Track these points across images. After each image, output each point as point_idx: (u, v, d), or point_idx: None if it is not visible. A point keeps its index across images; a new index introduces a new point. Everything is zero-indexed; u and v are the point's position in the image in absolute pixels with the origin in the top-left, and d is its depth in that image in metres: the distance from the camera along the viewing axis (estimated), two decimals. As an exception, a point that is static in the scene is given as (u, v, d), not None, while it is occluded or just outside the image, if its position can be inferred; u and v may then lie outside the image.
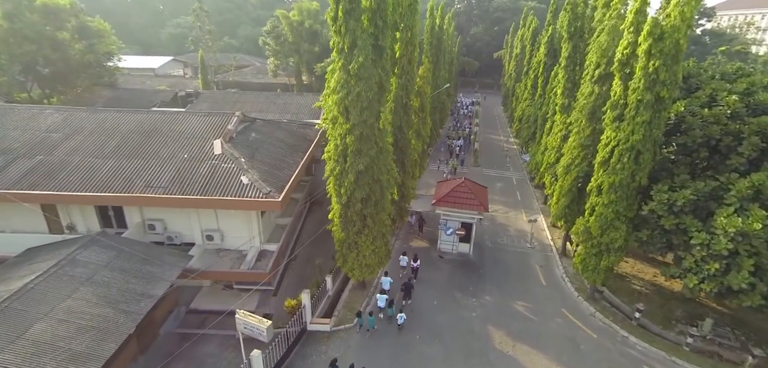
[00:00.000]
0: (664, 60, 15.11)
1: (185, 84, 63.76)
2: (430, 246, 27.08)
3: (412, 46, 21.37)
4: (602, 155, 18.59)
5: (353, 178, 17.30)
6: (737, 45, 62.60)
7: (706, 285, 15.02)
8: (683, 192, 15.63)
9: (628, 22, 17.07)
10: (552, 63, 37.60)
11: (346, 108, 16.14)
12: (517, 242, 28.25)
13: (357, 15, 14.97)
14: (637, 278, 23.70)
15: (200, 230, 22.63)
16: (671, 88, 15.73)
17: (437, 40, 41.25)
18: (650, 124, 16.30)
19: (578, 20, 26.39)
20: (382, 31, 16.30)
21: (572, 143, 23.20)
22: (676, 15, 14.44)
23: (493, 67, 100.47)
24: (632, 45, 16.81)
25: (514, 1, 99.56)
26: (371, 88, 15.80)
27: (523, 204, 34.65)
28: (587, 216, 20.00)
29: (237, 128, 24.86)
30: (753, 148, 15.21)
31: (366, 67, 15.33)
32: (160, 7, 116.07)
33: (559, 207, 24.25)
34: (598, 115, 21.33)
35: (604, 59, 20.70)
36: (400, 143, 22.34)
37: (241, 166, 21.22)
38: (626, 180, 17.40)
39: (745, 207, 14.22)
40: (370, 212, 18.71)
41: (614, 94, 18.02)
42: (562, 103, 27.19)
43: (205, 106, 43.73)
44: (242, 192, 19.81)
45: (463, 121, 68.63)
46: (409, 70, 21.63)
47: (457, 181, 25.78)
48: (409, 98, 22.14)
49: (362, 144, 16.83)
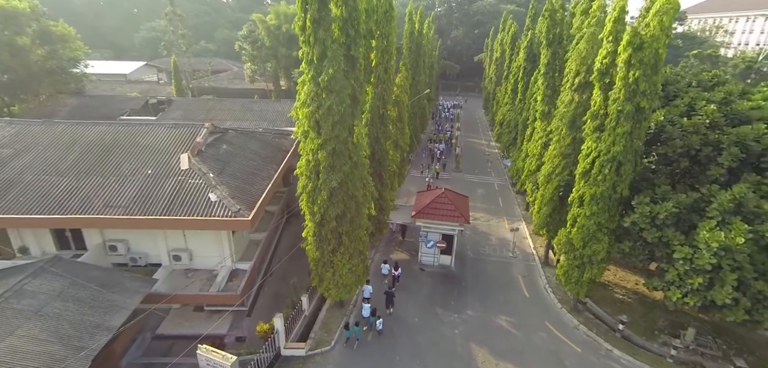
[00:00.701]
0: (644, 70, 14.75)
1: (158, 90, 61.54)
2: (412, 259, 26.33)
3: (388, 55, 20.62)
4: (583, 166, 18.18)
5: (326, 195, 16.37)
6: (708, 48, 64.21)
7: (690, 299, 14.69)
8: (665, 205, 15.29)
9: (606, 31, 16.71)
10: (531, 68, 37.54)
11: (317, 122, 15.21)
12: (499, 251, 27.76)
13: (326, 24, 14.08)
14: (619, 286, 23.48)
15: (167, 250, 21.33)
16: (651, 99, 15.39)
17: (416, 45, 40.71)
18: (631, 135, 15.94)
19: (556, 27, 26.14)
20: (354, 41, 15.47)
21: (553, 151, 22.83)
22: (656, 25, 14.08)
23: (474, 69, 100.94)
24: (611, 54, 16.44)
25: (494, 5, 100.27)
26: (343, 100, 14.93)
27: (505, 211, 34.28)
28: (569, 228, 19.59)
29: (206, 140, 23.60)
30: (733, 159, 14.98)
31: (337, 79, 14.45)
32: (134, 10, 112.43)
33: (541, 216, 23.86)
34: (578, 124, 20.98)
35: (584, 67, 20.38)
36: (378, 155, 21.51)
37: (210, 182, 20.04)
38: (608, 191, 17.02)
39: (728, 220, 13.93)
40: (346, 230, 17.81)
41: (594, 103, 17.64)
42: (542, 110, 26.88)
43: (178, 114, 42.08)
44: (210, 210, 18.65)
45: (444, 125, 68.51)
46: (385, 79, 20.86)
47: (437, 191, 25.10)
48: (386, 108, 21.36)
49: (335, 159, 15.92)
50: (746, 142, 15.00)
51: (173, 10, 55.23)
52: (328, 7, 14.07)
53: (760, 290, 13.31)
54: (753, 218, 13.77)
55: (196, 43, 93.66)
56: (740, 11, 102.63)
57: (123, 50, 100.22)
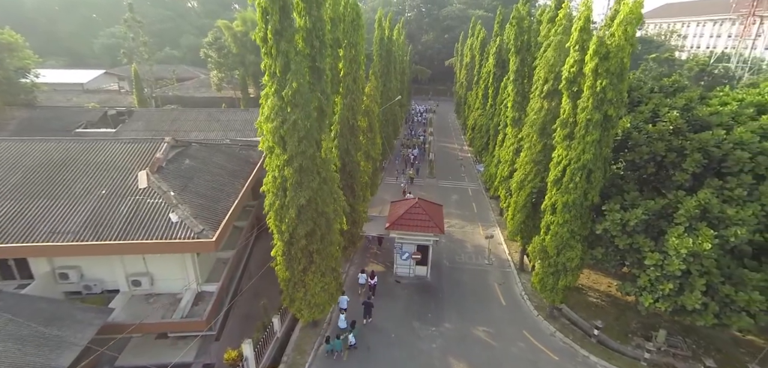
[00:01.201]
0: (611, 79, 14.85)
1: (119, 100, 58.38)
2: (387, 271, 25.78)
3: (356, 64, 20.06)
4: (554, 174, 18.21)
5: (295, 213, 15.58)
6: (665, 52, 67.34)
7: (661, 304, 14.85)
8: (635, 212, 15.45)
9: (573, 41, 16.81)
10: (501, 73, 37.91)
11: (282, 137, 14.44)
12: (475, 259, 27.64)
13: (289, 35, 13.37)
14: (592, 289, 23.78)
15: (125, 275, 19.85)
16: (618, 107, 15.53)
17: (387, 51, 40.40)
18: (600, 143, 16.04)
19: (524, 34, 26.38)
20: (319, 52, 14.82)
21: (524, 158, 22.89)
22: (620, 34, 14.20)
23: (445, 73, 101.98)
24: (579, 63, 16.54)
25: (463, 10, 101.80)
26: (309, 115, 14.23)
27: (479, 217, 34.33)
28: (543, 235, 19.58)
29: (167, 155, 22.27)
30: (696, 165, 15.31)
31: (302, 92, 13.75)
32: (93, 14, 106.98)
33: (514, 222, 23.87)
34: (548, 131, 21.10)
35: (552, 75, 20.52)
36: (348, 167, 20.88)
37: (170, 201, 18.80)
38: (579, 199, 17.08)
39: (694, 226, 14.18)
40: (317, 248, 17.06)
41: (563, 111, 17.71)
42: (513, 116, 27.03)
43: (140, 126, 40.01)
44: (171, 232, 17.45)
45: (417, 129, 68.88)
46: (354, 89, 20.28)
47: (411, 201, 24.70)
48: (356, 118, 20.78)
49: (302, 176, 15.18)
50: (708, 147, 15.37)
51: (132, 16, 52.64)
52: (290, 18, 13.37)
53: (727, 294, 13.57)
54: (718, 223, 14.07)
55: (160, 49, 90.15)
56: (691, 17, 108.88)
57: (81, 57, 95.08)
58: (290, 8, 13.31)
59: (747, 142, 14.93)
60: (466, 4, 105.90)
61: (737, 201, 14.24)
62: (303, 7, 14.04)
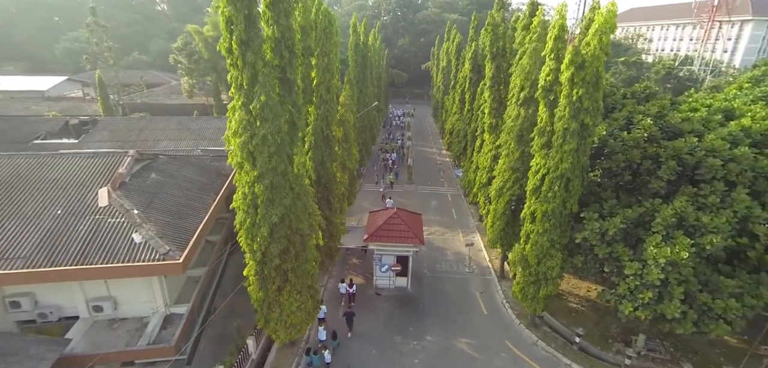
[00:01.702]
0: (587, 88, 14.77)
1: (83, 108, 55.55)
2: (367, 282, 25.14)
3: (329, 73, 19.38)
4: (533, 182, 18.06)
5: (267, 232, 14.76)
6: (633, 55, 69.51)
7: (641, 313, 14.83)
8: (613, 221, 15.41)
9: (548, 49, 16.70)
10: (477, 78, 37.93)
11: (251, 153, 13.63)
12: (455, 267, 27.35)
13: (256, 46, 12.61)
14: (572, 295, 23.84)
15: (85, 300, 18.49)
16: (594, 115, 15.48)
17: (362, 57, 39.84)
18: (578, 152, 15.96)
19: (499, 40, 26.34)
20: (289, 63, 14.09)
21: (503, 165, 22.75)
22: (595, 44, 14.12)
23: (422, 77, 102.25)
24: (554, 71, 16.43)
25: (438, 14, 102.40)
26: (279, 129, 13.48)
27: (459, 223, 34.15)
28: (523, 244, 19.42)
29: (131, 170, 21.00)
30: (671, 172, 15.42)
31: (271, 105, 13.00)
32: (54, 17, 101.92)
33: (494, 230, 23.68)
34: (526, 138, 21.00)
35: (528, 82, 20.44)
36: (324, 179, 20.15)
37: (133, 220, 17.63)
38: (558, 208, 16.96)
39: (672, 234, 14.23)
40: (291, 266, 16.28)
41: (540, 120, 17.58)
42: (490, 122, 26.94)
43: (104, 135, 38.02)
44: (134, 254, 16.31)
45: (395, 133, 68.85)
46: (328, 98, 19.60)
47: (390, 211, 24.17)
48: (331, 129, 20.09)
49: (274, 193, 14.40)
50: (681, 155, 15.51)
51: (95, 19, 50.13)
52: (257, 27, 12.62)
53: (704, 302, 13.64)
54: (693, 231, 14.15)
55: (128, 54, 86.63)
56: (656, 21, 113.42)
57: (42, 63, 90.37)
58: (257, 17, 12.56)
59: (719, 150, 15.15)
60: (441, 8, 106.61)
61: (711, 208, 14.38)
62: (270, 16, 13.30)
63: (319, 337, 19.87)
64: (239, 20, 12.17)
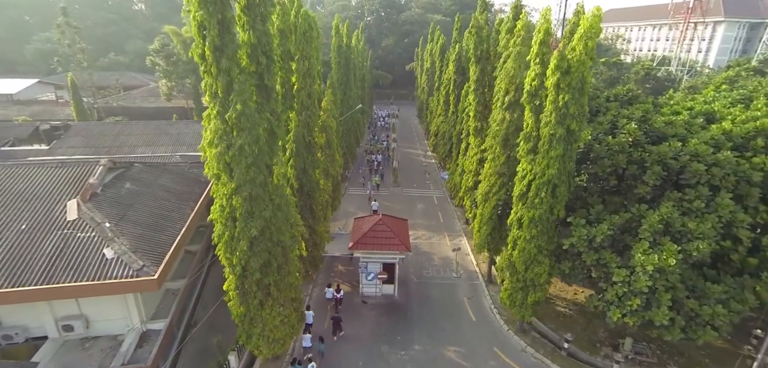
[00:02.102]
0: (573, 93, 14.58)
1: (55, 112, 53.24)
2: (354, 290, 24.59)
3: (310, 78, 18.77)
4: (520, 188, 17.84)
5: (246, 246, 14.11)
6: (613, 56, 70.74)
7: (629, 319, 14.72)
8: (601, 227, 15.28)
9: (533, 54, 16.48)
10: (462, 80, 37.80)
11: (228, 164, 12.96)
12: (442, 272, 27.03)
13: (231, 52, 11.95)
14: (560, 298, 23.78)
15: (54, 319, 17.43)
16: (580, 121, 15.31)
17: (345, 59, 39.25)
18: (564, 158, 15.77)
19: (483, 43, 26.15)
20: (267, 69, 13.45)
21: (488, 170, 22.53)
22: (581, 49, 13.93)
23: (406, 77, 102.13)
24: (540, 76, 16.21)
25: (421, 15, 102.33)
26: (257, 138, 12.85)
27: (445, 227, 33.88)
28: (510, 250, 19.20)
29: (103, 180, 19.98)
30: (656, 177, 15.38)
31: (248, 114, 12.36)
32: (25, 16, 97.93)
33: (481, 235, 23.44)
34: (511, 142, 20.83)
35: (513, 86, 20.24)
36: (306, 187, 19.53)
37: (105, 234, 16.70)
38: (545, 214, 16.77)
39: (659, 241, 14.16)
40: (273, 279, 15.63)
41: (526, 125, 17.36)
42: (475, 126, 26.74)
43: (77, 141, 36.41)
44: (105, 271, 15.41)
45: (380, 135, 68.52)
46: (309, 104, 18.99)
47: (375, 218, 23.68)
48: (313, 135, 19.47)
49: (253, 205, 13.76)
50: (666, 160, 15.48)
51: (66, 20, 48.03)
52: (231, 32, 11.96)
53: (691, 308, 13.60)
54: (680, 237, 14.11)
55: (104, 55, 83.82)
56: (633, 21, 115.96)
57: (12, 64, 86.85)
58: (231, 22, 11.91)
59: (702, 154, 15.17)
60: (424, 9, 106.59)
61: (696, 213, 14.38)
62: (246, 21, 12.66)
63: (304, 344, 19.47)
64: (212, 25, 11.50)
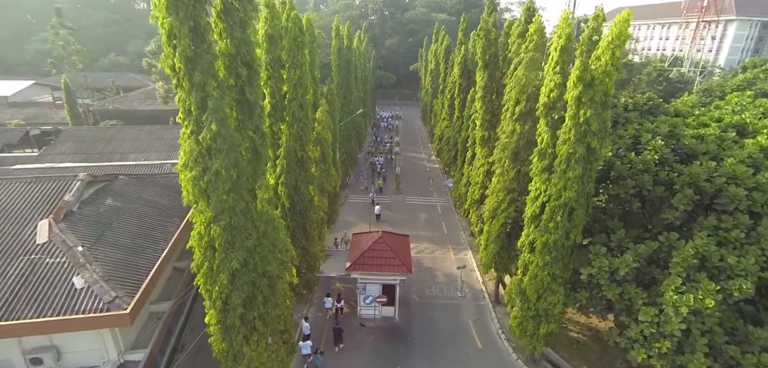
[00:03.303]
0: (596, 109, 12.91)
1: (49, 116, 52.09)
2: (351, 311, 23.02)
3: (302, 88, 17.20)
4: (532, 209, 16.18)
5: (227, 279, 12.58)
6: (624, 57, 68.51)
7: (656, 362, 13.05)
8: (625, 259, 13.59)
9: (552, 62, 14.79)
10: (467, 84, 36.16)
11: (204, 191, 11.43)
12: (446, 291, 25.40)
13: (206, 63, 10.39)
14: (572, 322, 22.09)
15: (21, 352, 15.94)
16: (602, 138, 13.65)
17: (346, 61, 37.65)
18: (583, 178, 14.10)
19: (492, 47, 24.45)
20: (249, 81, 11.89)
21: (497, 185, 20.89)
22: (607, 58, 12.27)
23: (410, 77, 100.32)
24: (559, 88, 14.52)
25: (426, 14, 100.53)
26: (235, 162, 11.28)
27: (450, 239, 32.23)
28: (520, 275, 17.57)
29: (81, 196, 18.53)
30: (688, 202, 13.67)
31: (225, 135, 10.80)
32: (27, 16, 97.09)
33: (488, 253, 21.82)
34: (522, 156, 19.19)
35: (524, 95, 18.59)
36: (299, 206, 17.97)
37: (76, 260, 15.22)
38: (561, 240, 15.11)
39: (693, 277, 12.47)
40: (259, 314, 14.10)
41: (541, 140, 15.68)
42: (482, 135, 25.07)
43: (68, 148, 35.15)
44: (73, 302, 13.95)
45: (383, 136, 67.60)
46: (301, 115, 17.41)
47: (374, 235, 22.09)
48: (305, 149, 17.90)
49: (234, 235, 12.23)
50: (699, 182, 13.76)
51: (60, 20, 46.83)
52: (206, 41, 10.40)
53: (732, 356, 11.91)
54: (718, 272, 12.41)
55: (104, 56, 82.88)
56: (642, 20, 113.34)
57: (12, 65, 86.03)
58: (206, 29, 10.34)
59: (741, 176, 13.44)
60: (429, 8, 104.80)
61: (735, 244, 12.67)
62: (223, 28, 11.11)
63: (303, 352, 18.98)
64: (183, 33, 9.94)
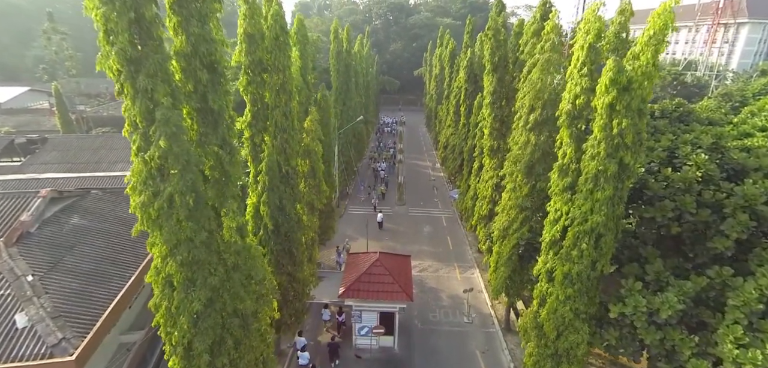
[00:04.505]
0: (632, 118, 10.71)
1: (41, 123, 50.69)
2: (346, 339, 20.80)
3: (286, 94, 15.14)
4: (551, 234, 13.96)
5: (188, 323, 10.46)
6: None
7: (707, 423, 10.74)
8: (668, 299, 11.32)
9: (578, 62, 12.61)
10: (474, 89, 34.06)
11: (156, 220, 9.35)
12: (451, 315, 23.11)
13: (153, 65, 8.33)
14: (595, 354, 19.67)
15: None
16: (637, 153, 11.45)
17: (345, 65, 35.65)
18: (613, 200, 11.88)
19: (501, 49, 22.31)
20: (212, 86, 9.83)
21: (508, 202, 18.68)
22: (648, 58, 10.10)
23: (415, 82, 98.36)
24: (587, 93, 12.34)
25: (430, 18, 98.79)
26: (191, 184, 9.18)
27: (455, 256, 29.96)
28: (536, 306, 15.31)
29: (42, 215, 16.60)
30: (742, 229, 11.40)
31: (178, 152, 8.72)
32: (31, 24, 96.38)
33: (498, 278, 19.58)
34: (537, 170, 16.99)
35: (539, 102, 16.41)
36: (284, 227, 15.85)
37: (22, 292, 13.22)
38: (586, 270, 12.86)
39: (757, 325, 10.20)
40: (229, 359, 11.94)
41: (563, 154, 13.48)
42: (491, 145, 22.87)
43: (53, 157, 33.52)
44: (12, 344, 11.94)
45: (387, 141, 66.32)
46: (285, 125, 15.34)
47: (371, 256, 19.92)
48: (290, 163, 15.81)
49: (194, 271, 10.13)
50: (756, 206, 11.49)
51: (53, 25, 45.46)
52: (154, 38, 8.36)
53: (808, 426, 9.62)
54: (787, 319, 10.15)
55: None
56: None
57: (13, 72, 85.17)
58: (153, 23, 8.30)
59: (808, 199, 11.19)
60: (433, 12, 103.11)
61: (806, 283, 10.39)
62: (177, 22, 9.09)
63: (301, 362, 18.21)
64: (122, 28, 7.92)
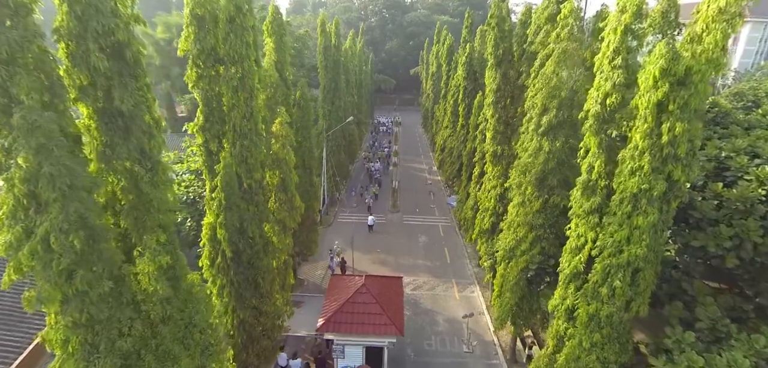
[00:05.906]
0: (690, 119, 8.06)
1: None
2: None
3: (246, 92, 12.35)
4: (572, 265, 11.30)
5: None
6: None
7: None
8: (734, 358, 8.70)
9: (609, 50, 9.94)
10: (473, 88, 31.42)
11: (28, 268, 6.62)
12: (449, 343, 20.38)
13: (7, 48, 5.61)
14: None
15: None
16: (690, 167, 8.81)
17: (334, 62, 32.85)
18: (657, 227, 9.22)
19: (506, 40, 19.62)
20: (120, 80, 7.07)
21: (515, 218, 16.02)
22: (718, 37, 7.48)
23: (411, 82, 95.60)
24: (621, 89, 9.66)
25: (427, 16, 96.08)
26: (80, 220, 6.43)
27: (453, 270, 27.25)
28: (551, 348, 12.68)
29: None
30: (827, 265, 8.83)
31: (51, 174, 5.98)
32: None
33: (503, 304, 16.91)
34: (550, 182, 14.32)
35: (554, 101, 13.73)
36: (245, 254, 13.09)
37: None
38: (619, 312, 10.21)
39: None
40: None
41: (588, 167, 10.80)
42: (494, 150, 20.18)
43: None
44: None
45: (382, 140, 64.03)
46: (246, 130, 12.54)
47: (356, 281, 17.18)
48: (253, 176, 13.02)
49: (96, 336, 7.40)
50: None
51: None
52: (11, 8, 5.65)
53: None
54: None
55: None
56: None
57: None
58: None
59: None
60: (430, 10, 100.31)
61: None
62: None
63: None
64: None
